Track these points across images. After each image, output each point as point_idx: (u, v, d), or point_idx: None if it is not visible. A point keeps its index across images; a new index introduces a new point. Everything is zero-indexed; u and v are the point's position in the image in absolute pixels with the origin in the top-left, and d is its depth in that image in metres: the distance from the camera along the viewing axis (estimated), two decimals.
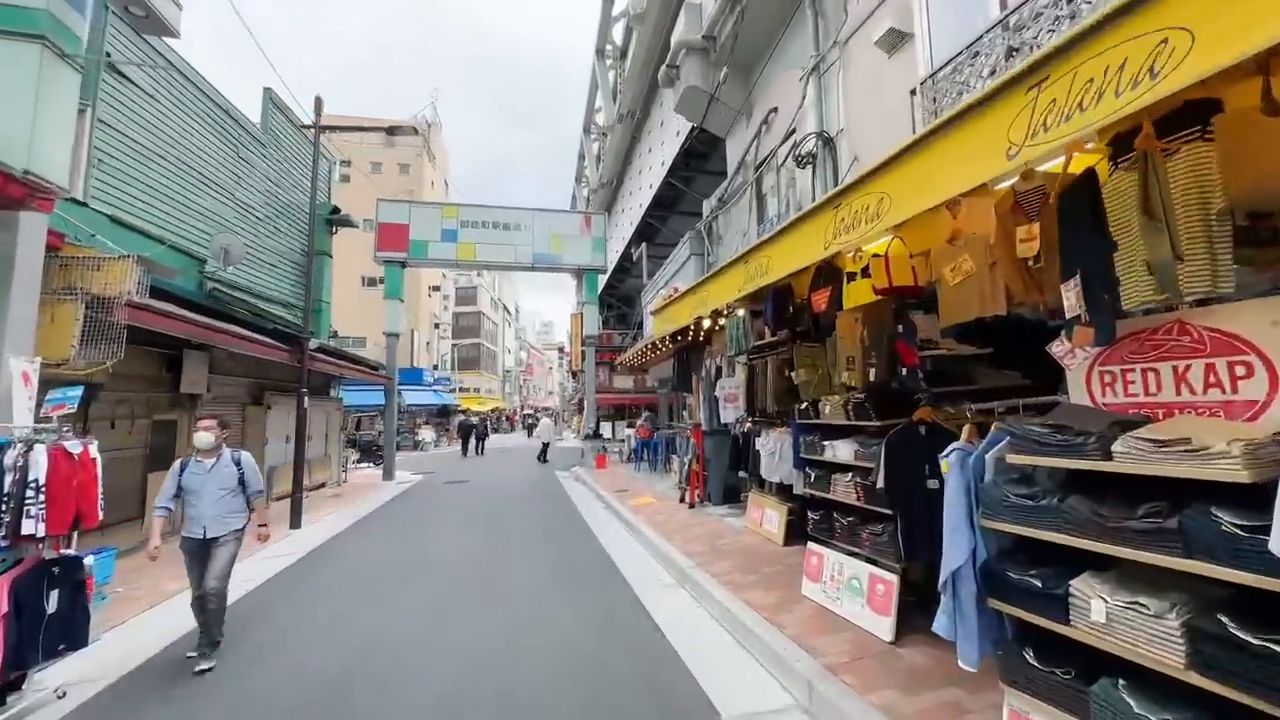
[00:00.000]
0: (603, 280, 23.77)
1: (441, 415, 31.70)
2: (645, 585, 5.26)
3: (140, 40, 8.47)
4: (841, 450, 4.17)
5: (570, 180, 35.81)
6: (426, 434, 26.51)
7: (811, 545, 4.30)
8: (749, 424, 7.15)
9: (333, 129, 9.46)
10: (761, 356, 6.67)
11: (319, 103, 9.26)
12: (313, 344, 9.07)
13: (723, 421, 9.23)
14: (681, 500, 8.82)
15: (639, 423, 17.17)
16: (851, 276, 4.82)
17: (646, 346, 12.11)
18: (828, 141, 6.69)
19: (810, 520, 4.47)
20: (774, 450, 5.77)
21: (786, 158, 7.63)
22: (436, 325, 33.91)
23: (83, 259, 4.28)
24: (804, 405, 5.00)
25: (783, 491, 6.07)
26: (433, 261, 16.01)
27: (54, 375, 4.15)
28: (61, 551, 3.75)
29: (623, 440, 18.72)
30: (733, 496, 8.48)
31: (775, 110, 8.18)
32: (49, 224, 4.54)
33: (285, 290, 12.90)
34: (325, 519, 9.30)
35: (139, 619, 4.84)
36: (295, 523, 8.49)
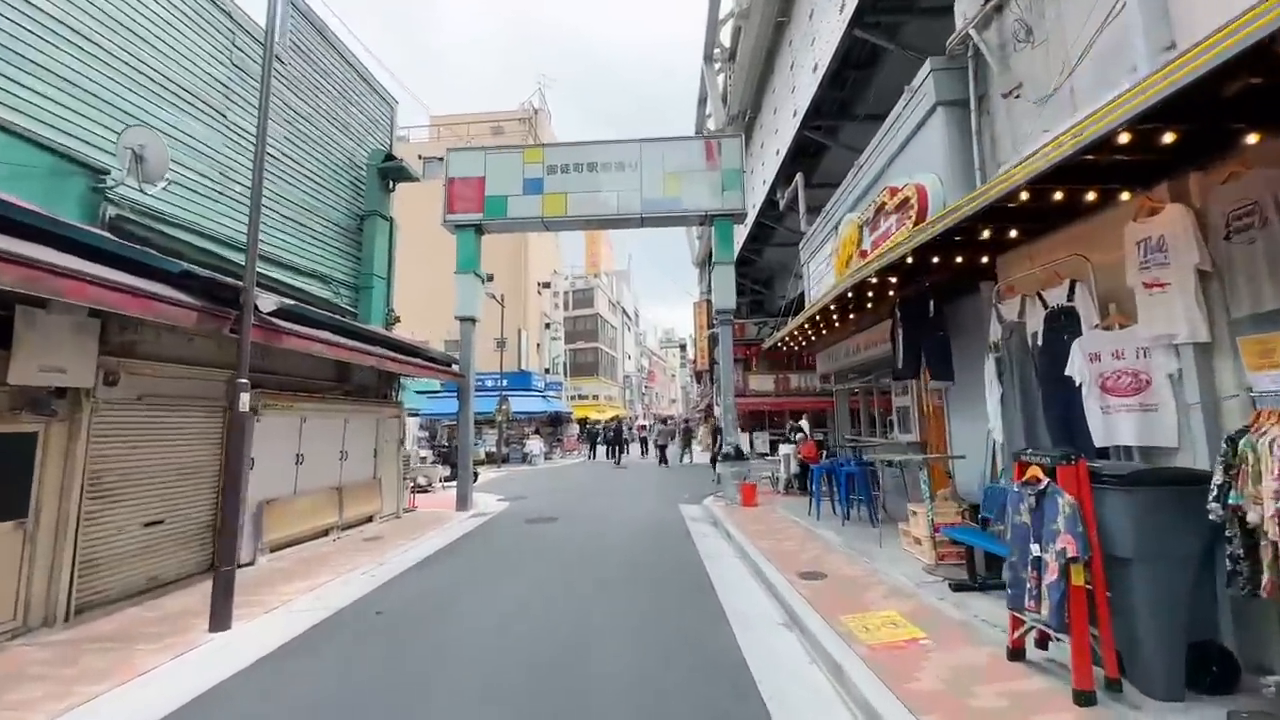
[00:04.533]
0: (740, 235, 17.97)
1: (553, 424, 28.68)
2: None
3: None
4: None
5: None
6: (534, 445, 23.28)
7: None
8: None
9: None
10: None
11: None
12: (268, 305, 5.26)
13: (1110, 442, 3.66)
14: (1017, 657, 3.35)
15: (799, 438, 11.65)
16: None
17: (836, 300, 6.75)
18: None
19: None
20: None
21: None
22: (547, 325, 31.23)
23: None
24: None
25: None
26: (513, 223, 12.22)
27: None
28: None
29: (772, 459, 13.24)
30: (1205, 677, 2.89)
31: None
32: None
33: (323, 260, 9.80)
34: (297, 601, 5.39)
35: None
36: (218, 622, 4.64)
